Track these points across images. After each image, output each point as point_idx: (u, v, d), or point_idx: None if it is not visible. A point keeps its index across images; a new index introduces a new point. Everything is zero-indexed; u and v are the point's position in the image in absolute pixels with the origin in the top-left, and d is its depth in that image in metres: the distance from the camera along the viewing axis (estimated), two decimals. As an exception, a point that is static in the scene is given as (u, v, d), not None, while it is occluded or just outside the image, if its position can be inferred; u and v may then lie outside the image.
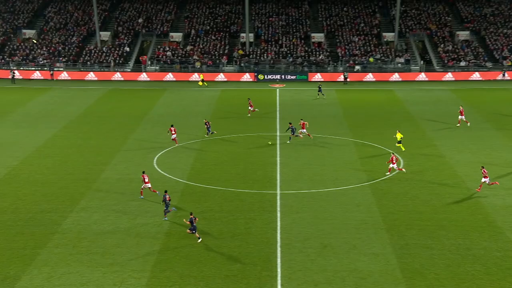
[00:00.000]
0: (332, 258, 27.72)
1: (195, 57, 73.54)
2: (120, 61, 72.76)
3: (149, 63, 72.87)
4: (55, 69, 70.76)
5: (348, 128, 49.10)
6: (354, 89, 66.21)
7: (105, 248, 28.62)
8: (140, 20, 79.42)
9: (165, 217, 31.85)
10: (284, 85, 68.50)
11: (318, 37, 76.63)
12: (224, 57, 73.41)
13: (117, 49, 74.40)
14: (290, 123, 45.45)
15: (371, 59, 72.37)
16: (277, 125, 50.37)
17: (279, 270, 26.70)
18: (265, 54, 74.09)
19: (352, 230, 30.32)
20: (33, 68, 70.92)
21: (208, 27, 78.51)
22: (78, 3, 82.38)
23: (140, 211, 32.85)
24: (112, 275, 26.32)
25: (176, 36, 76.65)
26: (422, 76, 70.53)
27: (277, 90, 65.92)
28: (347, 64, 71.68)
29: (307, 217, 31.91)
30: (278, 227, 30.85)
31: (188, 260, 27.71)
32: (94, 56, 73.13)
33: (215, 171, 39.08)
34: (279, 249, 28.62)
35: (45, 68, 70.73)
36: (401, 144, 42.65)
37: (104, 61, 72.49)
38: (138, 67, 72.53)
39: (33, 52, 72.99)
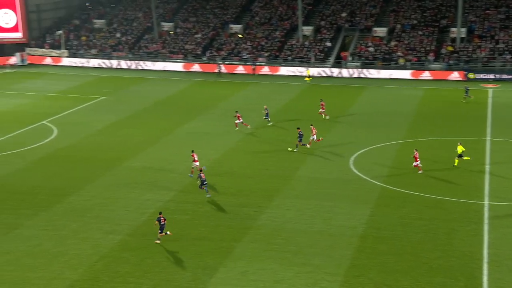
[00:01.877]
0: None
1: (399, 53, 71.74)
2: (321, 57, 73.49)
3: (350, 59, 72.64)
4: (257, 63, 73.60)
5: None
6: None
7: (298, 247, 28.97)
8: (343, 15, 79.48)
9: (208, 194, 34.64)
10: (499, 85, 64.00)
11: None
12: (431, 53, 70.58)
13: (319, 44, 75.26)
14: (298, 128, 43.20)
15: None
16: (487, 129, 47.20)
17: (484, 289, 24.92)
18: (477, 51, 69.84)
19: None
20: (237, 63, 74.48)
21: (415, 21, 76.04)
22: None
23: (334, 213, 32.79)
24: (305, 276, 26.53)
25: (380, 31, 75.40)
26: None
27: (490, 90, 61.79)
28: None
29: (519, 233, 29.41)
30: (485, 241, 28.82)
31: (383, 268, 27.01)
32: (295, 51, 74.75)
33: (414, 175, 37.67)
34: (485, 265, 26.71)
35: (248, 63, 73.91)
36: (460, 158, 38.61)
37: (305, 56, 73.74)
38: (338, 63, 72.66)
39: (238, 47, 76.66)
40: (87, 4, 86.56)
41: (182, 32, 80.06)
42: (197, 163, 37.22)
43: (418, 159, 37.83)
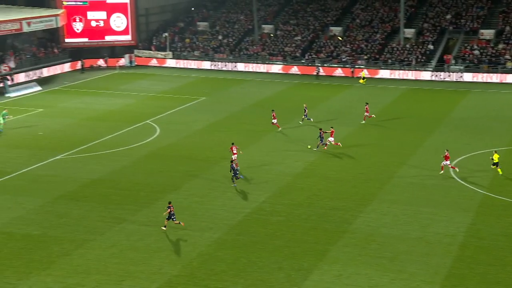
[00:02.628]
0: None
1: (507, 56, 68.51)
2: (422, 60, 71.53)
3: (453, 62, 70.20)
4: (356, 66, 72.71)
5: None
6: None
7: (394, 254, 28.33)
8: (448, 16, 76.95)
9: (234, 183, 36.36)
10: None
11: None
12: (541, 56, 66.97)
13: (420, 47, 73.29)
14: (321, 129, 43.57)
15: None
16: None
17: None
18: None
19: None
20: (336, 65, 73.91)
21: (526, 23, 72.42)
22: (385, 0, 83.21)
23: (432, 220, 31.81)
24: (400, 283, 25.91)
25: (487, 33, 72.32)
26: None
27: None
28: None
29: None
30: None
31: (484, 279, 25.93)
32: (396, 54, 73.19)
33: (521, 184, 35.88)
34: None
35: (347, 66, 73.16)
36: (495, 167, 37.38)
37: (406, 59, 72.04)
38: (441, 66, 70.41)
39: (337, 49, 76.08)
40: (192, 8, 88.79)
41: (282, 35, 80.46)
42: (235, 156, 38.78)
43: (448, 159, 37.67)
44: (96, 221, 31.97)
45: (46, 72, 70.13)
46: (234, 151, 39.65)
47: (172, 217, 30.85)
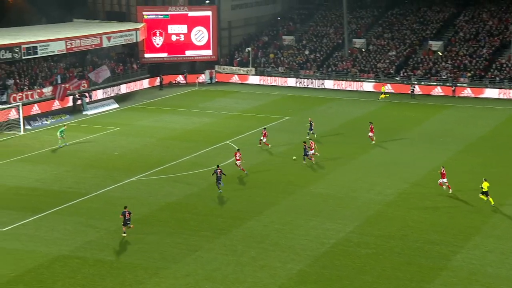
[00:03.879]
0: None
1: None
2: (534, 77, 68.99)
3: None
4: (458, 84, 70.95)
5: None
6: None
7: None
8: None
9: (220, 190, 39.79)
10: None
11: None
12: None
13: (532, 63, 70.74)
14: (305, 142, 46.18)
15: None
16: None
17: None
18: None
19: None
20: (435, 83, 72.45)
21: None
22: (494, 10, 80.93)
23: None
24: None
25: None
26: None
27: None
28: None
29: None
30: None
31: None
32: (505, 71, 70.89)
33: None
34: None
35: (447, 84, 71.51)
36: (484, 196, 37.01)
37: (515, 76, 69.74)
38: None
39: (436, 66, 74.60)
40: (278, 18, 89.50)
41: (375, 50, 79.81)
42: (239, 162, 43.14)
43: (445, 177, 39.11)
44: (171, 247, 32.57)
45: (124, 88, 72.58)
46: (237, 157, 43.15)
47: (128, 223, 33.38)
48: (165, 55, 79.71)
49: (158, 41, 79.07)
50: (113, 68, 73.30)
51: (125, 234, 33.70)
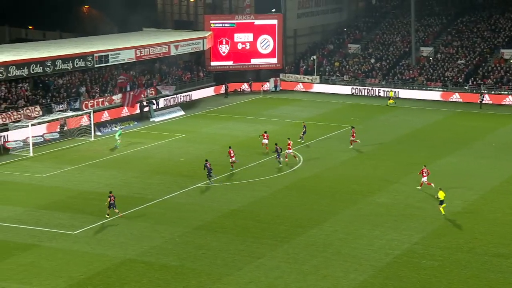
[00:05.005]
0: None
1: None
2: None
3: None
4: (530, 94, 68.89)
5: None
6: None
7: None
8: None
9: (211, 181, 42.68)
10: None
11: None
12: None
13: None
14: (276, 144, 47.34)
15: None
16: None
17: None
18: None
19: None
20: (506, 92, 70.53)
21: None
22: None
23: None
24: None
25: None
26: None
27: None
28: None
29: None
30: None
31: None
32: None
33: None
34: None
35: (519, 93, 69.58)
36: (442, 207, 37.05)
37: None
38: None
39: (508, 74, 72.60)
40: (344, 29, 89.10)
41: (443, 58, 78.35)
42: (233, 159, 45.59)
43: (425, 175, 41.08)
44: (234, 254, 32.73)
45: (190, 96, 73.58)
46: (232, 154, 45.70)
47: (112, 206, 36.46)
48: (230, 63, 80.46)
49: (224, 49, 79.90)
50: (180, 76, 74.46)
51: (107, 216, 37.04)
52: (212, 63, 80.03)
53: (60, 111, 57.74)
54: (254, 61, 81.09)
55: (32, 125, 52.80)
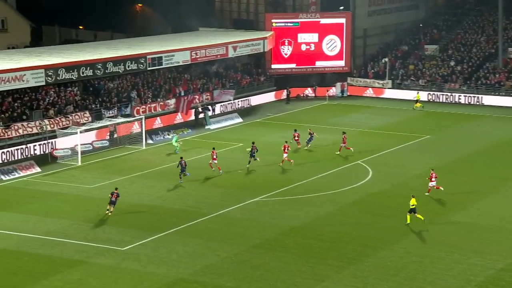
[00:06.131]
0: None
1: None
2: None
3: None
4: None
5: None
6: None
7: None
8: None
9: (181, 180, 46.41)
10: None
11: None
12: None
13: None
14: (253, 143, 50.85)
15: None
16: None
17: None
18: None
19: None
20: None
21: None
22: None
23: None
24: None
25: None
26: None
27: None
28: None
29: None
30: None
31: None
32: None
33: None
34: None
35: None
36: (412, 214, 38.26)
37: None
38: None
39: None
40: (420, 25, 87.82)
41: (534, 60, 76.52)
42: (215, 161, 48.33)
43: (433, 180, 42.63)
44: (295, 276, 32.59)
45: (249, 101, 73.93)
46: (214, 156, 48.44)
47: (113, 203, 40.04)
48: (293, 66, 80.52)
49: (286, 50, 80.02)
50: (238, 80, 74.90)
51: (107, 212, 40.24)
52: (273, 66, 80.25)
53: (110, 117, 58.85)
54: (319, 63, 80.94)
55: (81, 132, 53.90)
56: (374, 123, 65.92)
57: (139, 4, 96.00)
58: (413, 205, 38.68)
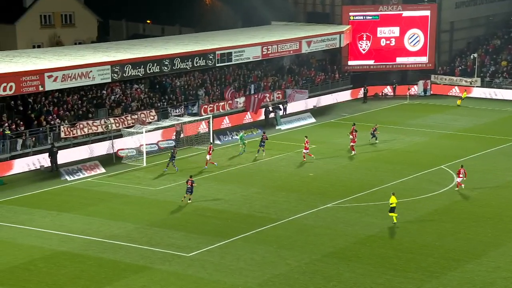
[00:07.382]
0: None
1: None
2: None
3: None
4: None
5: None
6: None
7: None
8: None
9: (166, 168, 50.24)
10: None
11: None
12: None
13: None
14: (264, 132, 55.79)
15: None
16: None
17: None
18: None
19: None
20: None
21: None
22: None
23: None
24: None
25: None
26: None
27: None
28: None
29: None
30: None
31: None
32: None
33: None
34: None
35: None
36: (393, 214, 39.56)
37: None
38: None
39: None
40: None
41: None
42: (209, 157, 51.10)
43: (460, 176, 44.75)
44: (370, 289, 32.62)
45: (323, 100, 73.91)
46: (210, 152, 51.01)
47: (189, 191, 43.45)
48: (371, 62, 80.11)
49: (364, 46, 79.64)
50: (312, 78, 74.98)
51: (187, 200, 43.57)
52: (350, 63, 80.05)
53: (177, 116, 59.80)
54: (400, 60, 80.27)
55: (147, 131, 54.94)
56: (459, 124, 64.99)
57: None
58: (392, 203, 39.67)
